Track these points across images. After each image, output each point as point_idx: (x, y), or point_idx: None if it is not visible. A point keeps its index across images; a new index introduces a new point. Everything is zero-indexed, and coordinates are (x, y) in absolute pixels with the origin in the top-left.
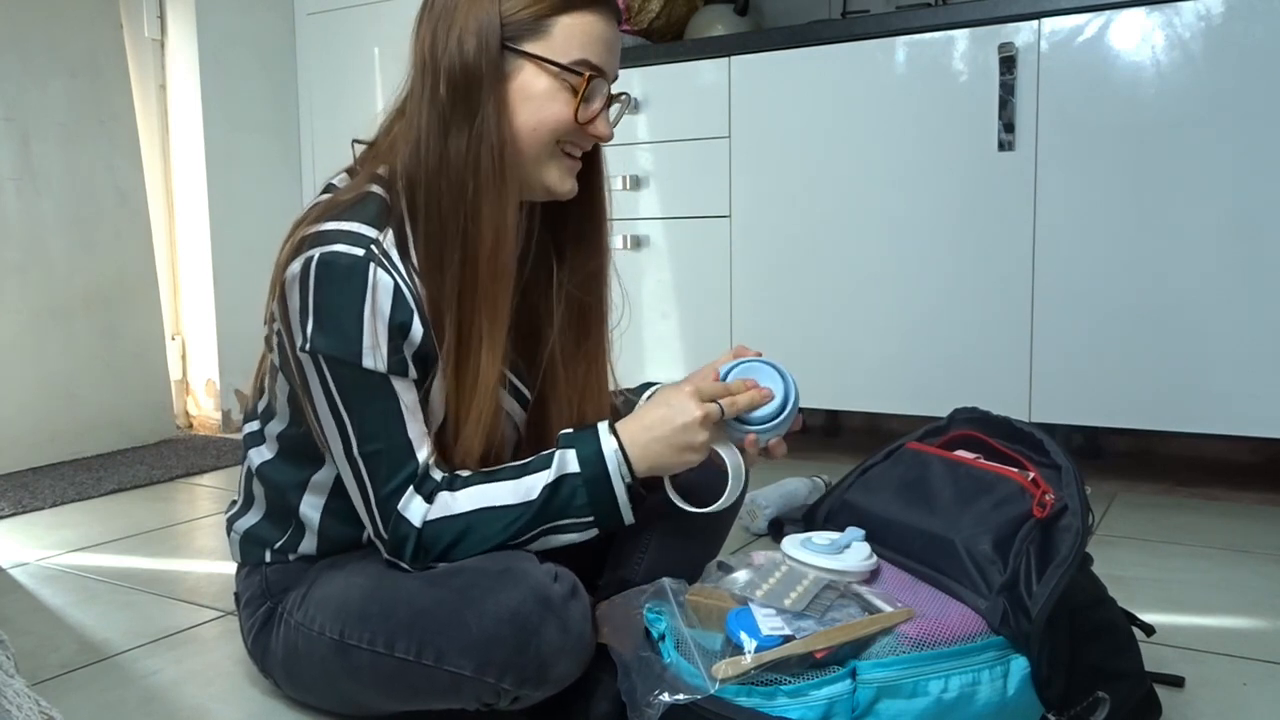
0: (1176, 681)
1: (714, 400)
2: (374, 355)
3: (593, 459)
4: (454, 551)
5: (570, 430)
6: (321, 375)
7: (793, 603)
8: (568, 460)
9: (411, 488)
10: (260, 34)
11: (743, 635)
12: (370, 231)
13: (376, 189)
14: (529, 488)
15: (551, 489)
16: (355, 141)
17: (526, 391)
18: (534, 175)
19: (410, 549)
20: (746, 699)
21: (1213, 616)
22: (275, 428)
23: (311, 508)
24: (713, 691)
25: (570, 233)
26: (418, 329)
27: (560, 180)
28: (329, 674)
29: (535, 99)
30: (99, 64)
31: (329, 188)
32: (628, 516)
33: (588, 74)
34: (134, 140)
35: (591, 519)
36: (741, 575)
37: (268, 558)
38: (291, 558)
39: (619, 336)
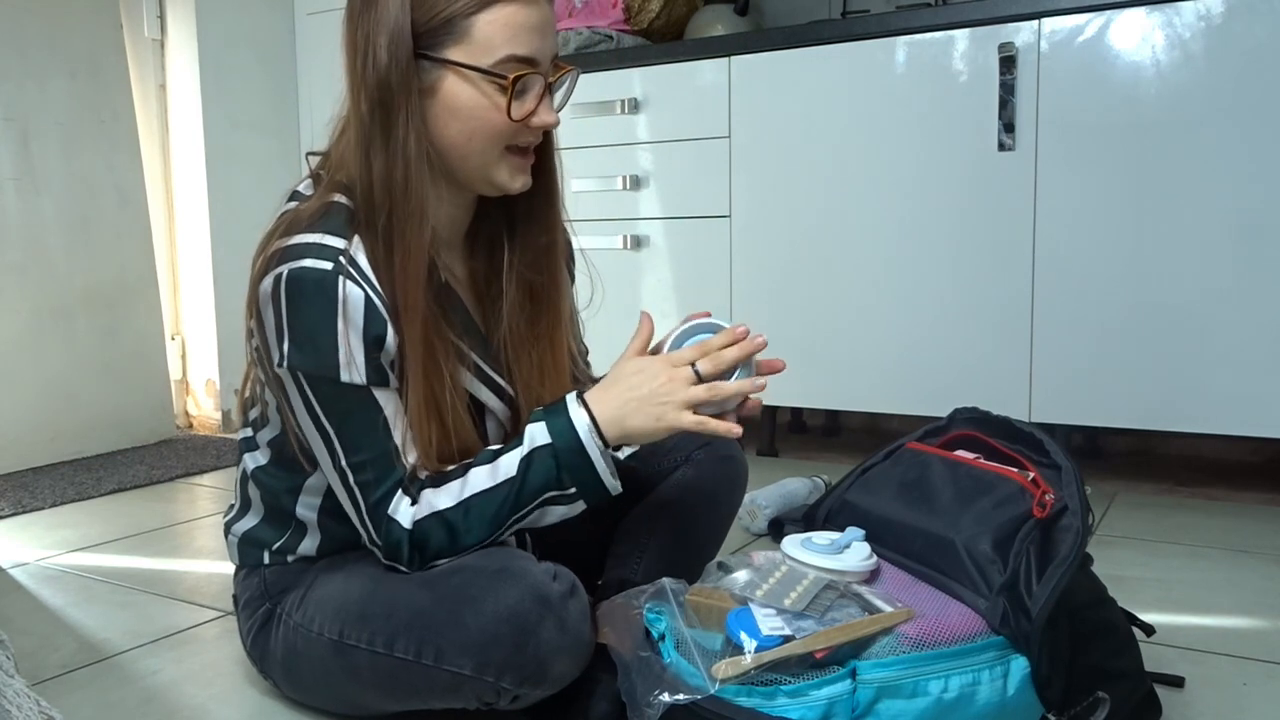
0: (1176, 682)
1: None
2: (350, 369)
3: (564, 429)
4: (448, 546)
5: (542, 407)
6: (302, 390)
7: (793, 603)
8: (537, 433)
9: (400, 492)
10: (260, 34)
11: (743, 635)
12: (338, 242)
13: (340, 198)
14: (506, 466)
15: (526, 462)
16: (310, 154)
17: (508, 386)
18: (481, 177)
19: (406, 552)
20: (746, 699)
21: (1213, 616)
22: (267, 434)
23: (308, 508)
24: (713, 691)
25: (520, 209)
26: (392, 338)
27: (511, 178)
28: (328, 674)
29: (463, 109)
30: (99, 64)
31: (295, 195)
32: (610, 483)
33: (513, 75)
34: (134, 140)
35: (574, 490)
36: (741, 575)
37: (266, 559)
38: (290, 559)
39: (590, 317)
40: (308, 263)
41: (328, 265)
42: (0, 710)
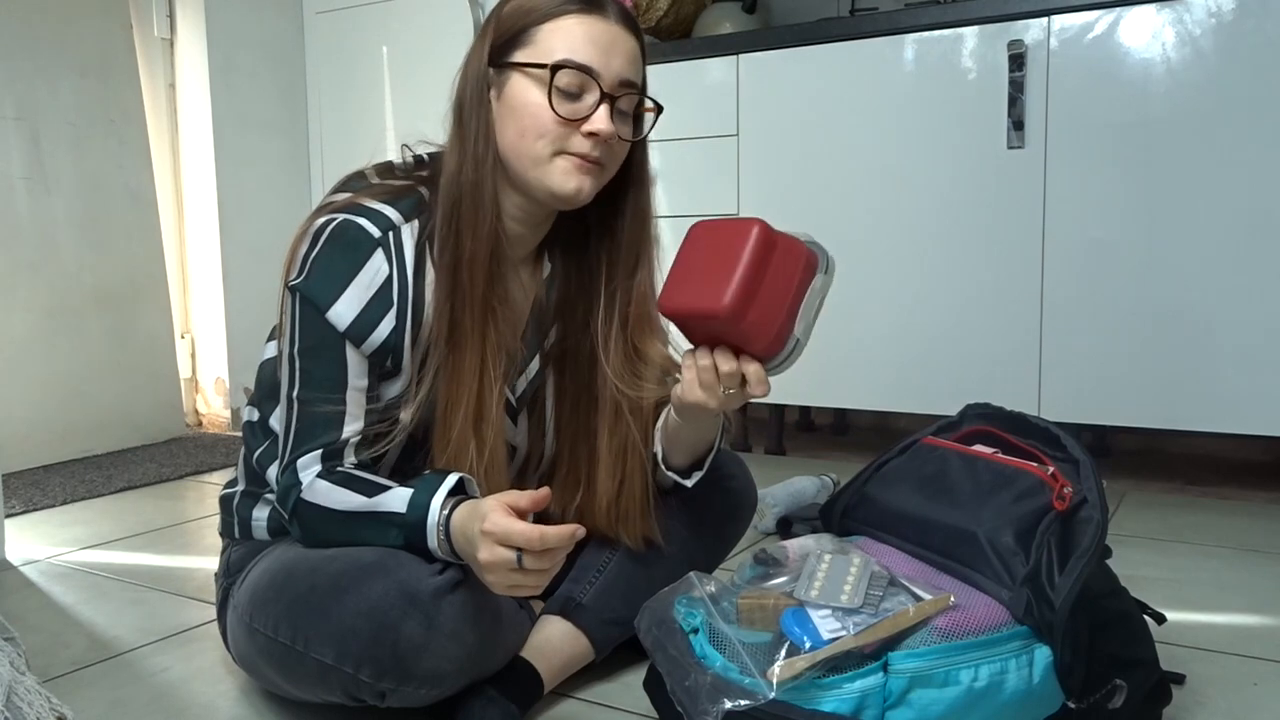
0: (1177, 679)
1: (510, 545)
2: (339, 314)
3: (417, 522)
4: (313, 534)
5: (433, 472)
6: (294, 313)
7: (848, 598)
8: (398, 498)
9: (321, 452)
10: (269, 33)
11: (805, 640)
12: (396, 217)
13: (423, 189)
14: (369, 505)
15: (372, 518)
16: (405, 145)
17: (514, 401)
18: (537, 183)
19: (291, 504)
20: (782, 695)
21: (1223, 615)
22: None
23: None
24: (773, 696)
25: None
26: (387, 324)
27: (563, 182)
28: (253, 657)
29: (519, 107)
30: (109, 63)
31: (388, 166)
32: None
33: (555, 64)
34: (144, 139)
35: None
36: (788, 573)
37: (236, 533)
38: (252, 533)
39: None
40: (362, 221)
41: (376, 232)
42: (12, 707)
